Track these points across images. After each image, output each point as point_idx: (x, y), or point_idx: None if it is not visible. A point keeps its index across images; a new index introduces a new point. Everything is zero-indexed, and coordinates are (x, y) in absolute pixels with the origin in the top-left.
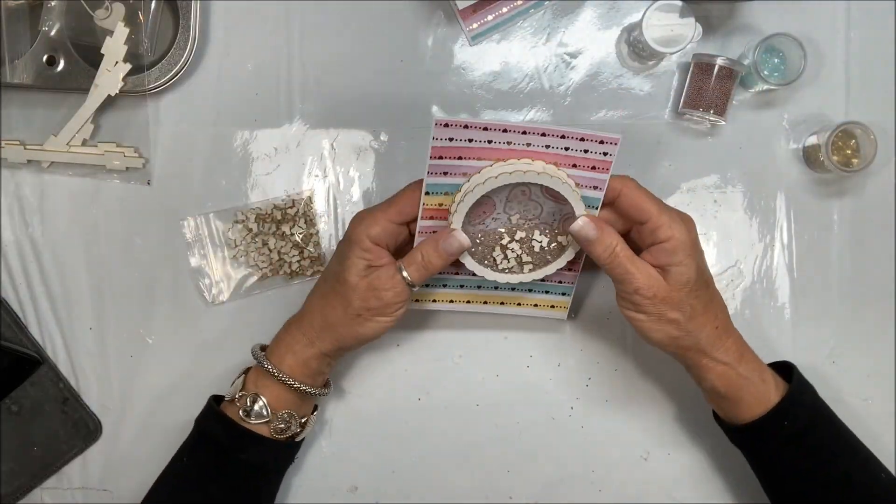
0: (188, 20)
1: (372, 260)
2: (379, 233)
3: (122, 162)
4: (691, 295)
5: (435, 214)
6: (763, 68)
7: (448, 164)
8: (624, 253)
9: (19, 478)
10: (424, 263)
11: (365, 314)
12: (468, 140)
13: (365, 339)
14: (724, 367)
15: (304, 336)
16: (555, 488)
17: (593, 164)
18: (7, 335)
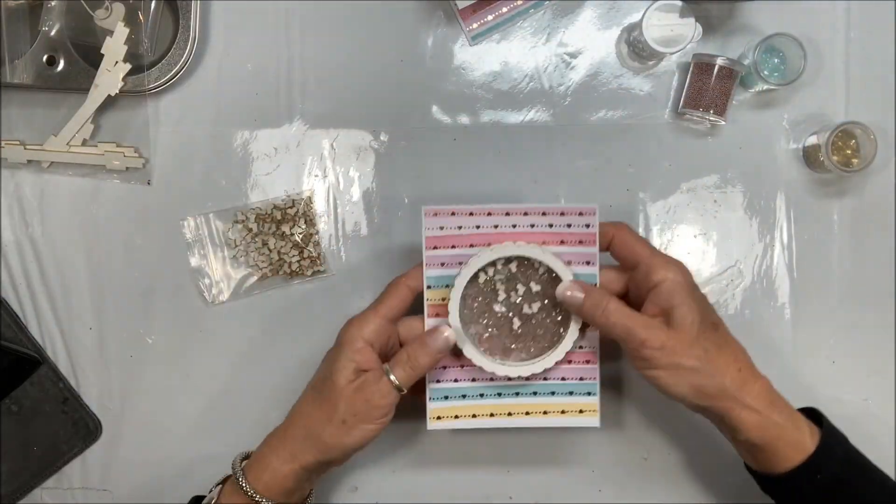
0: (188, 20)
1: (361, 363)
2: (372, 331)
3: (122, 162)
4: (700, 338)
5: (441, 311)
6: (763, 68)
7: (443, 254)
8: (618, 309)
9: (19, 478)
10: (411, 363)
11: (350, 420)
12: (458, 227)
13: (349, 450)
14: (758, 415)
15: (286, 450)
16: (555, 488)
17: (580, 238)
18: (7, 335)
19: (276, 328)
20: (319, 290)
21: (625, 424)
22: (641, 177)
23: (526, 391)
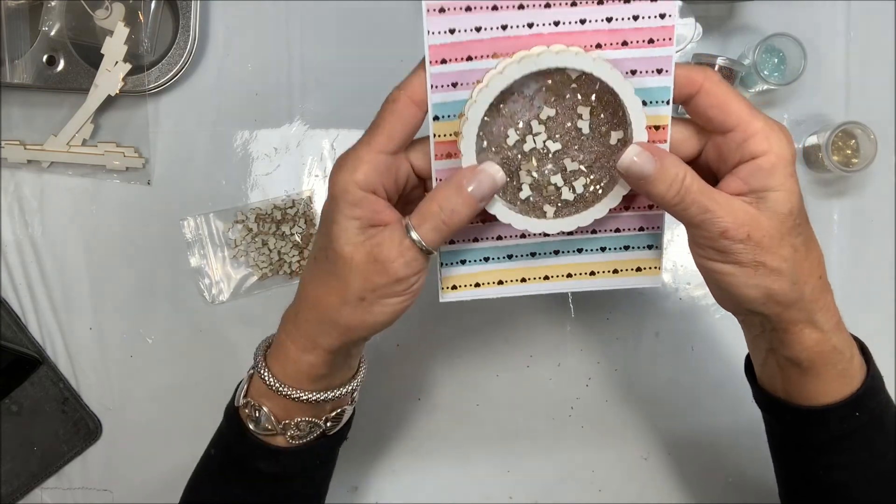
0: (188, 20)
1: (366, 217)
2: (369, 173)
3: (122, 162)
4: (794, 232)
5: (453, 151)
6: (763, 68)
7: (455, 68)
8: (697, 185)
9: (19, 478)
10: (444, 217)
11: (369, 297)
12: (475, 29)
13: (376, 329)
14: (821, 335)
15: (303, 336)
16: (555, 488)
17: (649, 37)
18: (7, 335)
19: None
20: None
21: (625, 424)
22: None
23: (568, 248)
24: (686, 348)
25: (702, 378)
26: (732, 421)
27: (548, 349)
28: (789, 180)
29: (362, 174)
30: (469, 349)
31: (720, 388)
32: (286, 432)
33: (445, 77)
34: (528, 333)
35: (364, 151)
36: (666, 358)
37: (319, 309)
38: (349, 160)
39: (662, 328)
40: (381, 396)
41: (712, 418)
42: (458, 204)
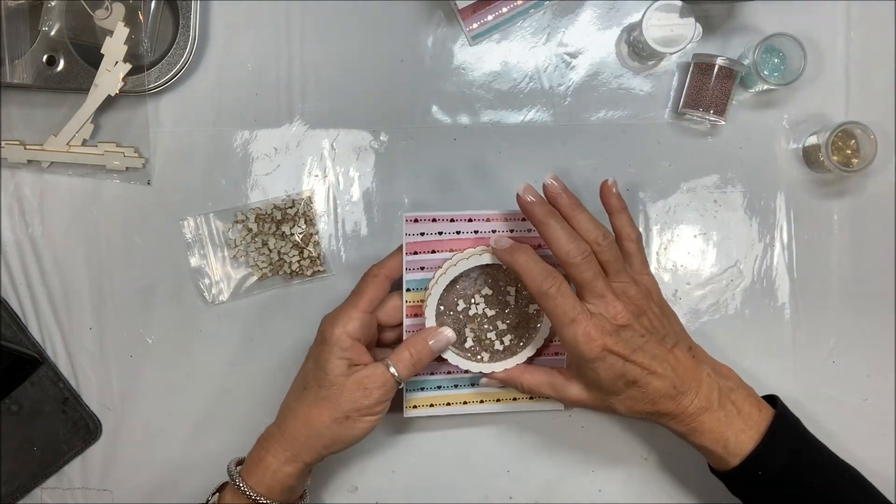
0: (188, 20)
1: (353, 358)
2: (357, 327)
3: (122, 162)
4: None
5: (418, 311)
6: (763, 68)
7: (423, 258)
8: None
9: (19, 478)
10: (414, 361)
11: (354, 415)
12: (438, 233)
13: (353, 442)
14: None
15: (286, 451)
16: (555, 488)
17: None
18: (7, 335)
19: (277, 328)
20: (319, 290)
21: (625, 424)
22: (641, 177)
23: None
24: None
25: None
26: None
27: None
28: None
29: (352, 328)
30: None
31: None
32: None
33: (416, 263)
34: None
35: (353, 311)
36: None
37: (311, 426)
38: (342, 317)
39: None
40: None
41: None
42: (423, 353)
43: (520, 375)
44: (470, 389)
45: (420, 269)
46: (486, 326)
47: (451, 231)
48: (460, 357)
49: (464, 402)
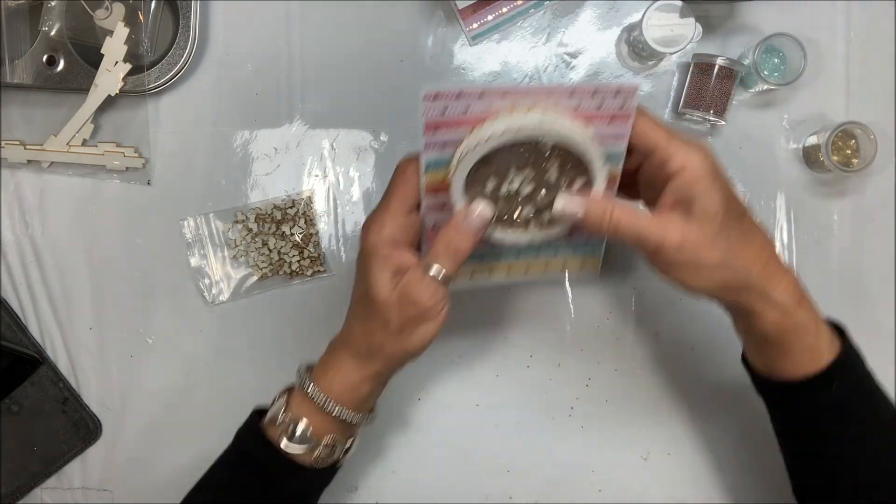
0: (188, 20)
1: (395, 265)
2: (392, 231)
3: (122, 162)
4: (723, 230)
5: (440, 188)
6: (763, 68)
7: (445, 135)
8: (624, 215)
9: (19, 478)
10: (451, 251)
11: (408, 326)
12: (464, 109)
13: (416, 353)
14: (781, 311)
15: (354, 359)
16: (555, 488)
17: (611, 117)
18: (7, 335)
19: (276, 328)
20: (319, 290)
21: (625, 424)
22: None
23: (528, 252)
24: (686, 348)
25: (702, 378)
26: (732, 421)
27: (548, 349)
28: (710, 187)
29: (388, 233)
30: (469, 349)
31: (720, 388)
32: (315, 451)
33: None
34: (528, 333)
35: (385, 215)
36: (666, 358)
37: (370, 340)
38: (374, 223)
39: (662, 328)
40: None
41: (712, 418)
42: (459, 239)
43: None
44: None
45: (442, 146)
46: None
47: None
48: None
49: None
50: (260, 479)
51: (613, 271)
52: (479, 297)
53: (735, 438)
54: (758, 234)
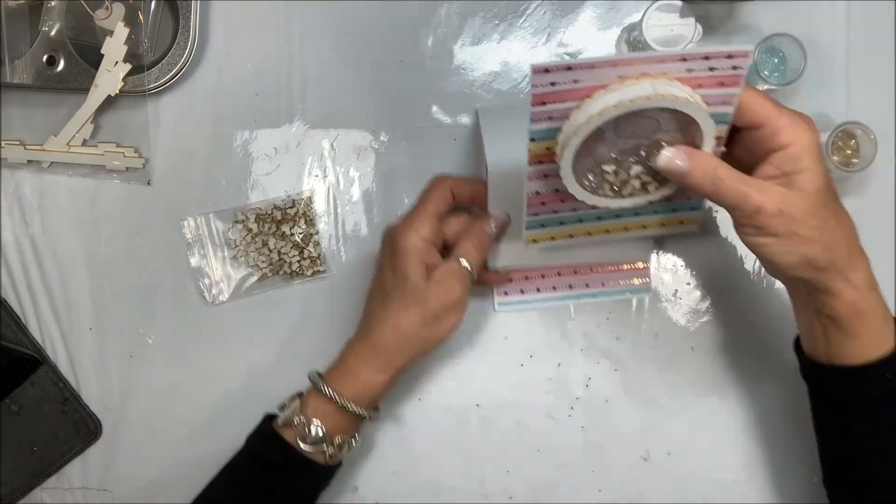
0: (188, 20)
1: (429, 262)
2: (428, 232)
3: (122, 162)
4: (821, 206)
5: (544, 159)
6: (763, 68)
7: (552, 108)
8: (729, 175)
9: (19, 478)
10: (478, 248)
11: (442, 314)
12: (573, 81)
13: (442, 340)
14: (857, 293)
15: (378, 360)
16: (555, 488)
17: (721, 80)
18: (7, 335)
19: (276, 328)
20: (319, 290)
21: (625, 424)
22: None
23: (628, 213)
24: (686, 348)
25: (702, 378)
26: (733, 421)
27: (547, 349)
28: (815, 163)
29: (424, 232)
30: (469, 349)
31: (720, 388)
32: (327, 450)
33: (543, 114)
34: (527, 334)
35: (423, 216)
36: (666, 358)
37: (400, 331)
38: (413, 224)
39: (662, 328)
40: None
41: (712, 418)
42: (484, 239)
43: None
44: (596, 223)
45: (548, 118)
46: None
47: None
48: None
49: (588, 233)
50: (273, 478)
51: None
52: (480, 296)
53: (735, 438)
54: (846, 216)
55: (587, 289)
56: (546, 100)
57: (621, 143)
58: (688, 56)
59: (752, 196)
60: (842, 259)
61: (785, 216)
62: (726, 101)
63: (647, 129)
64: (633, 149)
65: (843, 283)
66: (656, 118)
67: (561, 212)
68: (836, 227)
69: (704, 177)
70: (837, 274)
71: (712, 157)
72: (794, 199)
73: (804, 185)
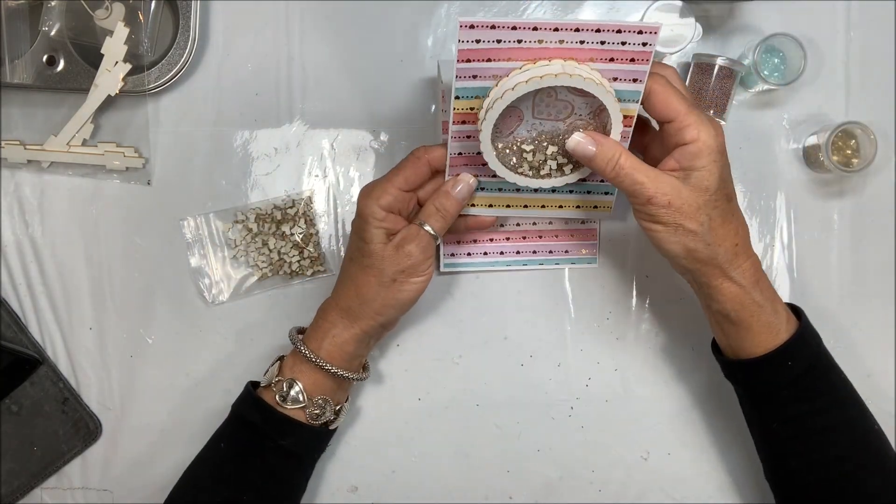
0: (188, 20)
1: (389, 228)
2: (390, 202)
3: (122, 162)
4: (710, 205)
5: (467, 118)
6: (763, 68)
7: (477, 66)
8: (629, 163)
9: (19, 478)
10: (441, 213)
11: (399, 278)
12: (496, 41)
13: (404, 306)
14: (739, 289)
15: (343, 318)
16: (555, 488)
17: (632, 56)
18: (7, 335)
19: (277, 328)
20: (319, 290)
21: (625, 424)
22: None
23: (545, 190)
24: (686, 348)
25: (702, 378)
26: (732, 421)
27: (548, 349)
28: (712, 164)
29: (385, 202)
30: (469, 349)
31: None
32: (307, 409)
33: (468, 71)
34: (528, 333)
35: (388, 186)
36: (666, 358)
37: (360, 293)
38: (375, 191)
39: (662, 328)
40: (381, 396)
41: (712, 418)
42: (448, 204)
43: (618, 151)
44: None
45: (472, 77)
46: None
47: (511, 39)
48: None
49: (507, 205)
50: (256, 439)
51: (614, 272)
52: (479, 296)
53: (735, 438)
54: (736, 219)
55: (534, 255)
56: (471, 56)
57: (538, 125)
58: (602, 27)
59: (646, 186)
60: (723, 256)
61: (673, 208)
62: (637, 77)
63: (562, 112)
64: (551, 132)
65: (723, 278)
66: (570, 102)
67: (482, 176)
68: (721, 227)
69: (607, 163)
70: (717, 269)
71: (618, 144)
72: (685, 194)
73: (697, 183)
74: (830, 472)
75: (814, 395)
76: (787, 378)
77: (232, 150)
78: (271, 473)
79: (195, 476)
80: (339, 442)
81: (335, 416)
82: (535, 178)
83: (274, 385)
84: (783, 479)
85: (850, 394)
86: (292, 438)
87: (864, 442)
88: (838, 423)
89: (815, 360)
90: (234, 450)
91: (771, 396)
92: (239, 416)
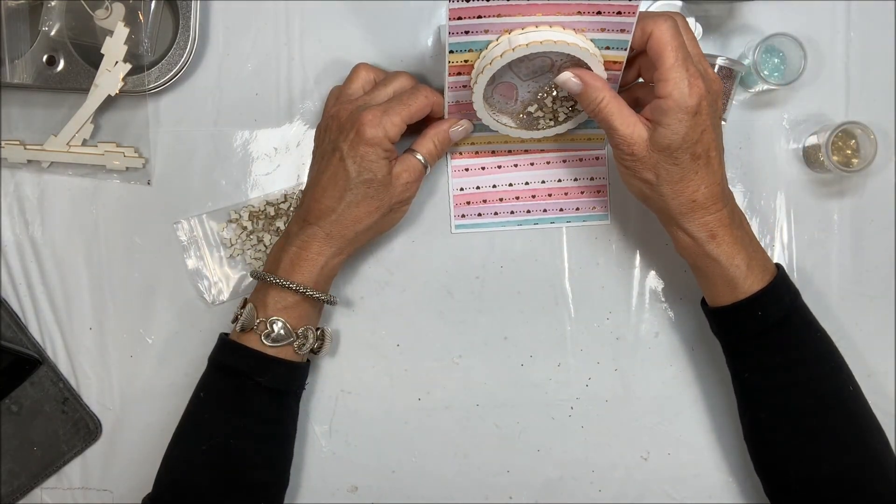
0: (188, 20)
1: (391, 156)
2: (396, 134)
3: (122, 162)
4: (668, 160)
5: (462, 70)
6: (763, 68)
7: (468, 23)
8: (609, 104)
9: (19, 478)
10: (438, 150)
11: (396, 206)
12: None
13: (389, 228)
14: (692, 241)
15: (330, 246)
16: (555, 488)
17: (618, 10)
18: (7, 335)
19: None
20: None
21: (625, 424)
22: None
23: None
24: (686, 348)
25: (702, 378)
26: (732, 421)
27: (548, 349)
28: (677, 123)
29: (393, 134)
30: (469, 349)
31: (719, 388)
32: (295, 343)
33: (460, 27)
34: (528, 333)
35: (398, 120)
36: (666, 358)
37: (360, 223)
38: (386, 122)
39: (662, 328)
40: (381, 396)
41: (712, 418)
42: (444, 142)
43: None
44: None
45: (465, 32)
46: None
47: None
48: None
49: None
50: (239, 384)
51: (614, 272)
52: (480, 296)
53: (735, 438)
54: (700, 177)
55: (544, 214)
56: (462, 14)
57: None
58: None
59: (617, 132)
60: (676, 209)
61: (634, 155)
62: (624, 28)
63: (545, 65)
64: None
65: (676, 228)
66: (550, 58)
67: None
68: (678, 182)
69: (591, 103)
70: (670, 218)
71: (603, 84)
72: (647, 146)
73: (659, 138)
74: (792, 428)
75: (784, 347)
76: (755, 329)
77: (232, 150)
78: (257, 414)
79: (181, 430)
80: (339, 442)
81: (321, 343)
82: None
83: (257, 326)
84: (754, 432)
85: (826, 352)
86: (274, 375)
87: (834, 401)
88: (806, 380)
89: (788, 314)
90: (217, 398)
91: (740, 346)
92: (218, 365)
